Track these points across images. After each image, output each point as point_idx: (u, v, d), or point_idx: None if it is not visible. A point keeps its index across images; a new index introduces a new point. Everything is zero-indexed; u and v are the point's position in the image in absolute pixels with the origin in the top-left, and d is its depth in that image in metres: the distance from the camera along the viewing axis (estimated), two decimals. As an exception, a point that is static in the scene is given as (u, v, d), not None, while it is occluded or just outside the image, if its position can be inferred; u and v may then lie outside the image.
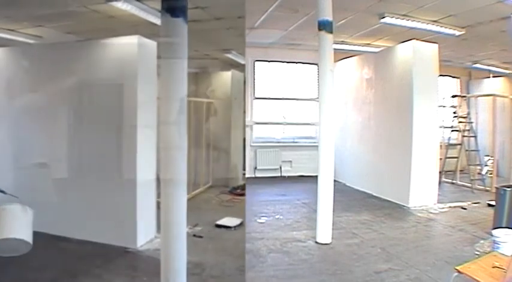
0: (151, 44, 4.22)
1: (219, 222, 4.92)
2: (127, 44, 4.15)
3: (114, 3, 4.42)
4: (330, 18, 4.23)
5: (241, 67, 8.52)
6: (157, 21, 2.45)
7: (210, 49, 7.54)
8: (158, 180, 3.56)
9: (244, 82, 8.89)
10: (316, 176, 4.37)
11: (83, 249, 3.93)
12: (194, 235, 4.47)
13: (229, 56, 7.83)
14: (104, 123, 4.20)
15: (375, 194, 6.74)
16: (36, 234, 2.36)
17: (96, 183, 4.15)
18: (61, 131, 4.41)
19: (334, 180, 4.40)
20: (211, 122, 7.51)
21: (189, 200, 5.96)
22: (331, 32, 4.25)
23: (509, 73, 9.73)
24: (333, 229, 4.33)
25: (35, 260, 2.89)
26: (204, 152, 7.26)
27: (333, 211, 4.34)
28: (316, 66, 7.51)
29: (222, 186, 7.18)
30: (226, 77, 7.89)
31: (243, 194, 6.77)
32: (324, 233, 4.27)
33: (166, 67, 2.27)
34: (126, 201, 4.06)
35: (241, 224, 4.91)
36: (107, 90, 4.20)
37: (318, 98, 4.51)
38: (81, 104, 4.42)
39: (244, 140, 9.23)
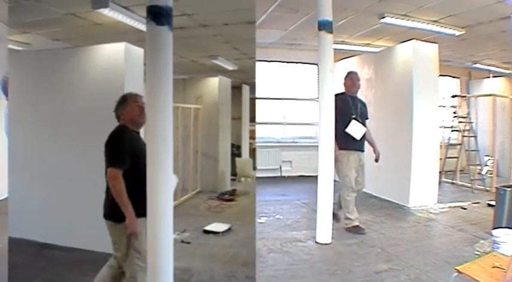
0: (138, 51, 4.20)
1: (207, 227, 4.90)
2: (114, 51, 4.12)
3: (101, 11, 4.45)
4: (330, 18, 4.22)
5: (229, 73, 8.57)
6: (144, 28, 2.46)
7: (197, 56, 7.58)
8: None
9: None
10: (316, 176, 4.37)
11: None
12: (182, 241, 4.45)
13: (216, 62, 7.87)
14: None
15: (375, 194, 6.73)
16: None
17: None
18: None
19: (334, 180, 4.40)
20: (199, 128, 7.54)
21: (177, 206, 6.02)
22: (331, 32, 4.25)
23: (509, 73, 9.74)
24: (333, 229, 4.33)
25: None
26: (192, 158, 7.28)
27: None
28: (316, 66, 7.51)
29: (210, 192, 7.19)
30: (213, 83, 7.93)
31: (231, 200, 6.78)
32: (324, 233, 4.27)
33: (152, 74, 2.27)
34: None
35: (229, 230, 4.91)
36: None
37: (318, 98, 4.52)
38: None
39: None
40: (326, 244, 4.21)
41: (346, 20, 6.21)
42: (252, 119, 10.50)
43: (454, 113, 8.19)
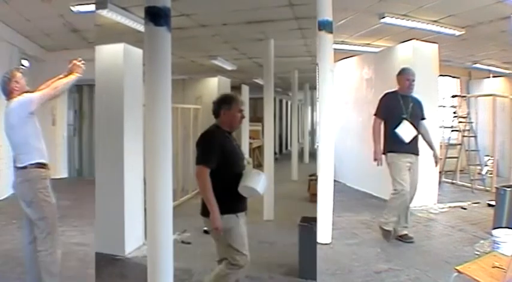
0: (138, 52, 4.17)
1: (207, 228, 4.85)
2: (113, 51, 4.09)
3: (100, 12, 4.46)
4: (330, 18, 4.23)
5: (228, 73, 8.56)
6: (143, 29, 2.47)
7: (196, 56, 7.57)
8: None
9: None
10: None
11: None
12: (182, 241, 4.44)
13: (215, 62, 7.85)
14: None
15: (374, 194, 6.73)
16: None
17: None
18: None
19: (334, 180, 4.40)
20: (198, 128, 7.51)
21: (177, 206, 5.99)
22: (331, 32, 4.25)
23: (509, 73, 9.73)
24: (333, 229, 4.32)
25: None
26: (192, 159, 7.22)
27: (333, 211, 4.34)
28: (316, 66, 7.50)
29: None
30: (212, 83, 7.89)
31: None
32: (324, 233, 4.27)
33: (151, 74, 2.27)
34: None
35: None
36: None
37: (317, 98, 4.52)
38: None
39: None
40: (326, 244, 4.21)
41: (346, 20, 6.20)
42: (252, 119, 10.50)
43: (454, 113, 8.19)
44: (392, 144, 4.24)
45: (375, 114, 4.40)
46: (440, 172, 6.84)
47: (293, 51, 7.52)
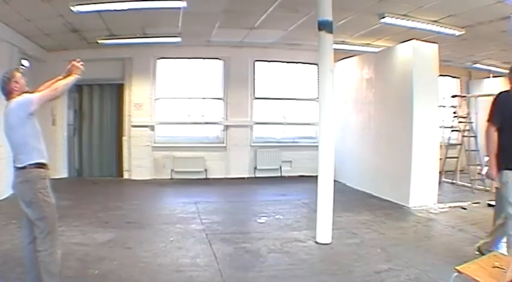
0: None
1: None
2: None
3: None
4: (330, 18, 4.23)
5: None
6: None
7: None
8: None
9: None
10: (316, 176, 4.37)
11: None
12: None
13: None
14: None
15: (374, 194, 6.74)
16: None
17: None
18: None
19: (334, 180, 4.39)
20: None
21: None
22: (331, 32, 4.25)
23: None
24: (333, 229, 4.32)
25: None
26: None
27: (333, 211, 4.34)
28: (316, 66, 7.50)
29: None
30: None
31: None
32: (324, 233, 4.27)
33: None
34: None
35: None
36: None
37: (318, 98, 4.51)
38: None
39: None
40: (326, 244, 4.21)
41: (346, 20, 6.20)
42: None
43: (454, 113, 8.19)
44: (510, 159, 3.33)
45: (488, 120, 3.47)
46: (440, 172, 6.84)
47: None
